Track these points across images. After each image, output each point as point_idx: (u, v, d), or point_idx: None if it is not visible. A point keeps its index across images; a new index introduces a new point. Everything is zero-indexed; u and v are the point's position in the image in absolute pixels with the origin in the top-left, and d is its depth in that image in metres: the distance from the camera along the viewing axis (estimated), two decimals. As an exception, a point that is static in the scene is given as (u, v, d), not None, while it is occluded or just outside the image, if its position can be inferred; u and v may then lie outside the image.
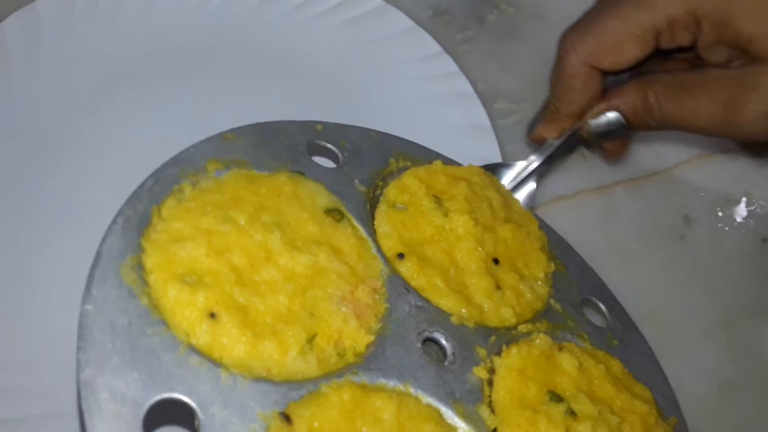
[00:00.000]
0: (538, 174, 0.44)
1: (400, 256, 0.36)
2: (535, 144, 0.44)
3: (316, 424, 0.29)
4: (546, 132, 0.43)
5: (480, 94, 0.50)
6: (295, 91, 0.43)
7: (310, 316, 0.32)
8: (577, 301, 0.40)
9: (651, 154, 0.50)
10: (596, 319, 0.40)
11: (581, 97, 0.41)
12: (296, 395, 0.30)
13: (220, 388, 0.29)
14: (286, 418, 0.29)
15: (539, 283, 0.39)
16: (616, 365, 0.38)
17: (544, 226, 0.42)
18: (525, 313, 0.38)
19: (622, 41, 0.39)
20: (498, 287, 0.37)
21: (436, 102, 0.50)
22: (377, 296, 0.35)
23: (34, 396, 0.37)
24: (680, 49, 0.41)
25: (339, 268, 0.34)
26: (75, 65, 0.46)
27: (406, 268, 0.36)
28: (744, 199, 0.50)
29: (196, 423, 0.28)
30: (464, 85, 0.50)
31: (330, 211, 0.36)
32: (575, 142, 0.43)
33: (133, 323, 0.29)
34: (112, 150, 0.45)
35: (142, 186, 0.33)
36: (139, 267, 0.31)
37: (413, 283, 0.36)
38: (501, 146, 0.47)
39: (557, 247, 0.42)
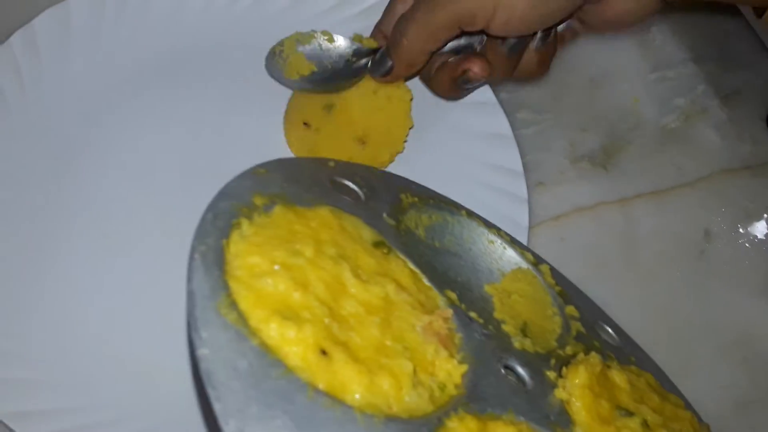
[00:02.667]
0: None
1: None
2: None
3: (457, 458, 0.27)
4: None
5: (502, 103, 0.48)
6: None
7: (404, 349, 0.30)
8: (592, 324, 0.41)
9: (672, 168, 0.50)
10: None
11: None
12: (426, 431, 0.27)
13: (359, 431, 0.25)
14: (430, 455, 0.26)
15: None
16: (650, 378, 0.39)
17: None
18: None
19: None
20: None
21: (457, 110, 0.49)
22: (450, 326, 0.33)
23: (43, 390, 0.37)
24: None
25: (408, 300, 0.32)
26: (104, 64, 0.46)
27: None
28: (765, 215, 0.49)
29: (352, 471, 0.24)
30: (487, 94, 0.48)
31: (377, 245, 0.35)
32: None
33: (253, 366, 0.25)
34: (140, 149, 0.44)
35: (204, 220, 0.29)
36: (234, 305, 0.26)
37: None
38: (522, 156, 0.46)
39: (558, 276, 0.43)
